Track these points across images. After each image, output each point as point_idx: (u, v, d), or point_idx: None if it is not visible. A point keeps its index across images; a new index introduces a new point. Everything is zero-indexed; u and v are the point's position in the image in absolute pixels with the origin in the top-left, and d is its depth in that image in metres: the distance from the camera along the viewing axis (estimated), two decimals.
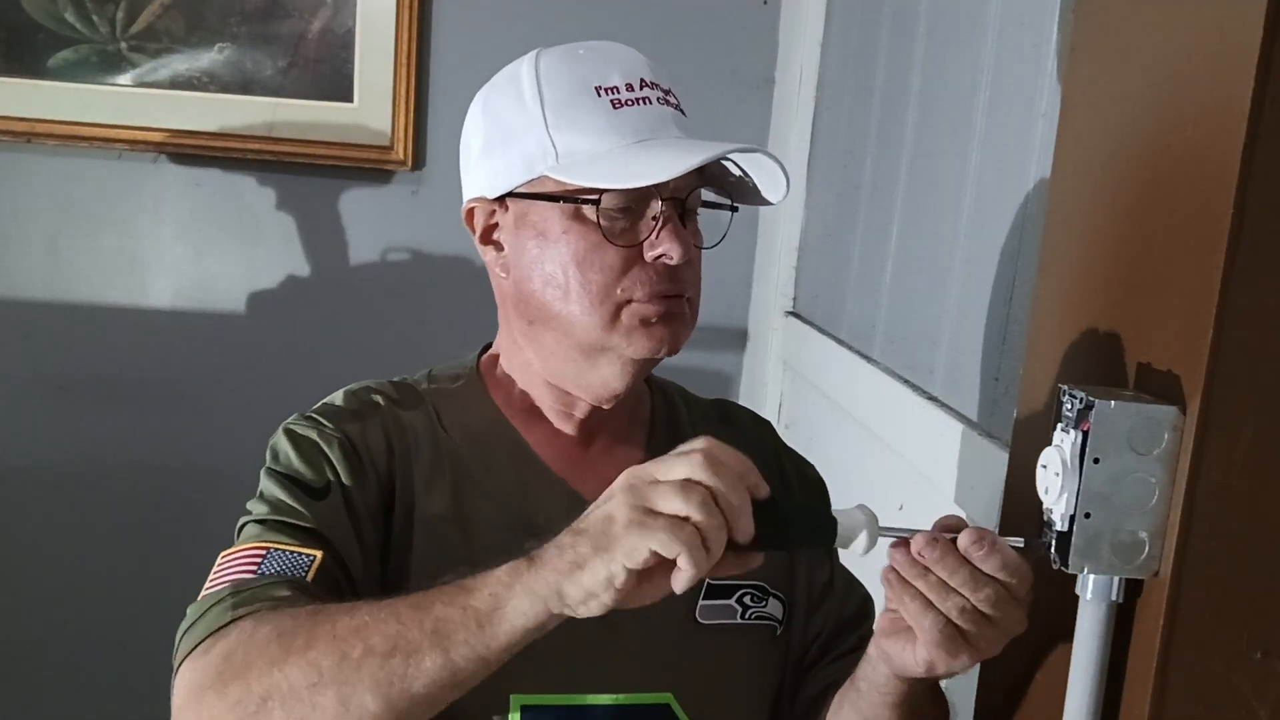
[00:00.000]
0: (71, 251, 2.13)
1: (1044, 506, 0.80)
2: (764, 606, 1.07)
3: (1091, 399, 0.75)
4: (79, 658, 2.21)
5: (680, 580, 0.77)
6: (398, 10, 2.05)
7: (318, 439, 1.00)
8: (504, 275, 1.05)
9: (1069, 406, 0.77)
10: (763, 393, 2.19)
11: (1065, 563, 0.77)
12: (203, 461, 2.17)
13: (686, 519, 0.75)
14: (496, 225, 1.05)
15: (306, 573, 0.91)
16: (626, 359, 1.01)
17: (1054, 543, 0.78)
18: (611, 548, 0.76)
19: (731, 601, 1.05)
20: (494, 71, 1.07)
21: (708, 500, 0.76)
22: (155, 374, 2.16)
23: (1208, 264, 0.73)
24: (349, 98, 2.08)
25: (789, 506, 0.80)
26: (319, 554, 0.92)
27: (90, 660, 2.20)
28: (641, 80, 1.00)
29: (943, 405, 1.42)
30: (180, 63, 2.07)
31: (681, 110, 1.03)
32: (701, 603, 1.03)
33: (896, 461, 1.52)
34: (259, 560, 0.92)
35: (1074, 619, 0.80)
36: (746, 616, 1.06)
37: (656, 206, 0.98)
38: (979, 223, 1.39)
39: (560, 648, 0.98)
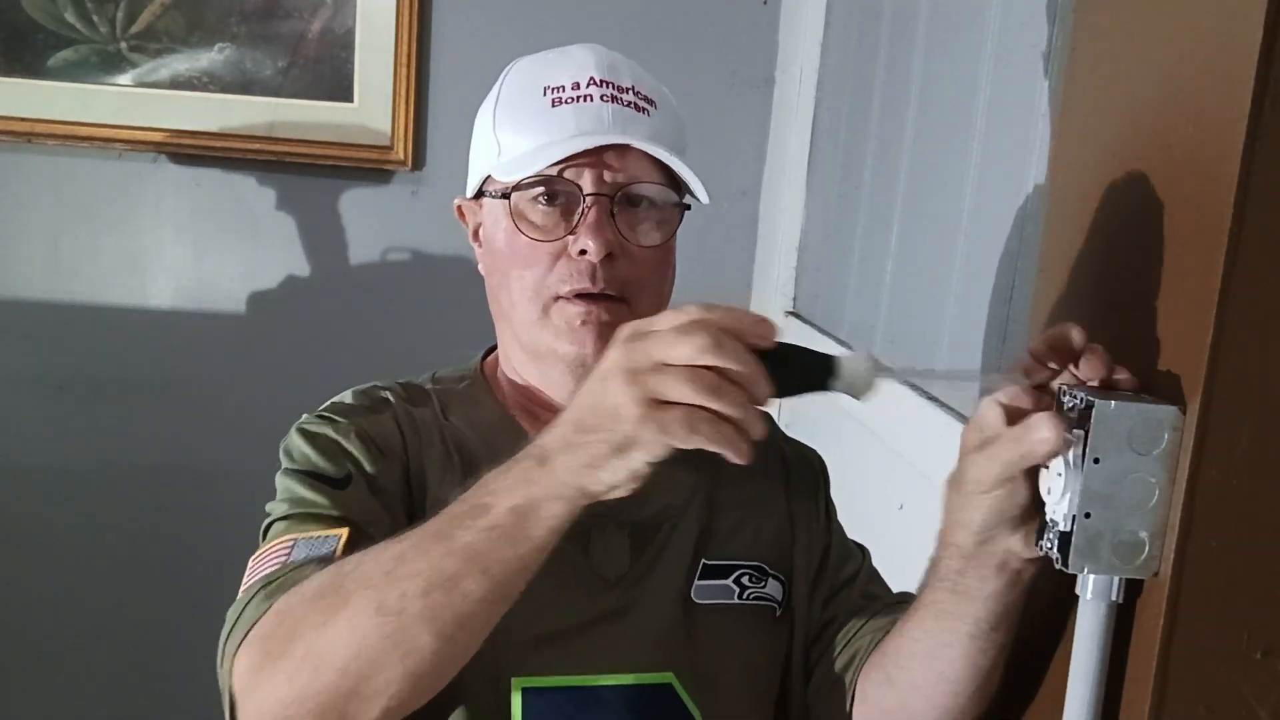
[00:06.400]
0: (71, 251, 2.13)
1: (1046, 506, 0.80)
2: (762, 587, 1.07)
3: (1091, 399, 0.75)
4: (79, 657, 2.21)
5: (734, 458, 0.73)
6: (398, 10, 2.05)
7: (334, 434, 1.00)
8: (484, 274, 1.09)
9: (1069, 406, 0.77)
10: None
11: (1065, 563, 0.77)
12: (203, 461, 2.17)
13: (702, 407, 0.72)
14: (480, 224, 1.08)
15: (334, 551, 0.90)
16: (568, 363, 1.01)
17: (1056, 542, 0.78)
18: (629, 449, 0.73)
19: (729, 582, 1.05)
20: (493, 71, 1.08)
21: (718, 384, 0.72)
22: (155, 374, 2.16)
23: (1208, 264, 0.73)
24: (349, 98, 2.08)
25: (787, 353, 0.76)
26: (345, 531, 0.91)
27: (90, 660, 2.20)
28: (591, 79, 1.01)
29: (943, 405, 1.42)
30: (180, 63, 2.07)
31: (638, 107, 1.02)
32: (697, 583, 1.04)
33: (896, 461, 1.53)
34: (287, 551, 0.91)
35: (1074, 619, 0.80)
36: (744, 597, 1.06)
37: (585, 202, 0.99)
38: (979, 223, 1.39)
39: (560, 630, 0.98)
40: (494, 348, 1.13)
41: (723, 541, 1.06)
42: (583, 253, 0.98)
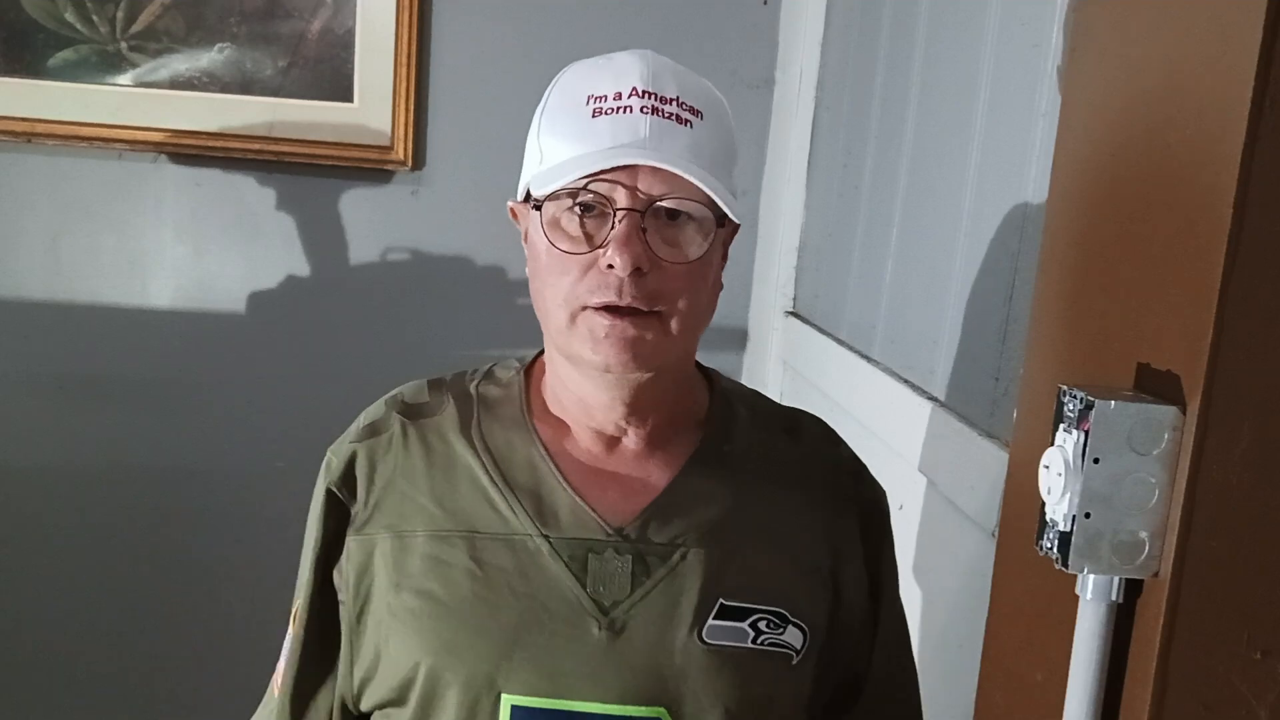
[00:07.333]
0: (71, 251, 2.13)
1: (1046, 506, 0.80)
2: (780, 634, 1.03)
3: (1091, 399, 0.75)
4: (79, 657, 2.20)
5: None
6: (398, 10, 2.05)
7: (323, 477, 1.10)
8: (528, 275, 1.08)
9: (1069, 406, 0.78)
10: (763, 393, 2.18)
11: (1065, 563, 0.77)
12: (202, 461, 2.17)
13: None
14: (526, 227, 1.08)
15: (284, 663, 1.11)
16: (596, 371, 1.01)
17: (1056, 542, 0.78)
18: None
19: (744, 625, 1.02)
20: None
21: None
22: (155, 374, 2.16)
23: (1208, 264, 0.73)
24: (349, 98, 2.08)
25: None
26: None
27: (90, 660, 2.20)
28: (633, 89, 0.99)
29: (943, 405, 1.42)
30: (180, 63, 2.07)
31: (680, 119, 1.00)
32: (711, 622, 1.01)
33: (896, 461, 1.52)
34: (286, 653, 1.12)
35: (1074, 619, 0.80)
36: (759, 642, 1.02)
37: (616, 217, 0.97)
38: (979, 223, 1.39)
39: (559, 653, 0.99)
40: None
41: (742, 579, 1.03)
42: (610, 266, 0.97)
